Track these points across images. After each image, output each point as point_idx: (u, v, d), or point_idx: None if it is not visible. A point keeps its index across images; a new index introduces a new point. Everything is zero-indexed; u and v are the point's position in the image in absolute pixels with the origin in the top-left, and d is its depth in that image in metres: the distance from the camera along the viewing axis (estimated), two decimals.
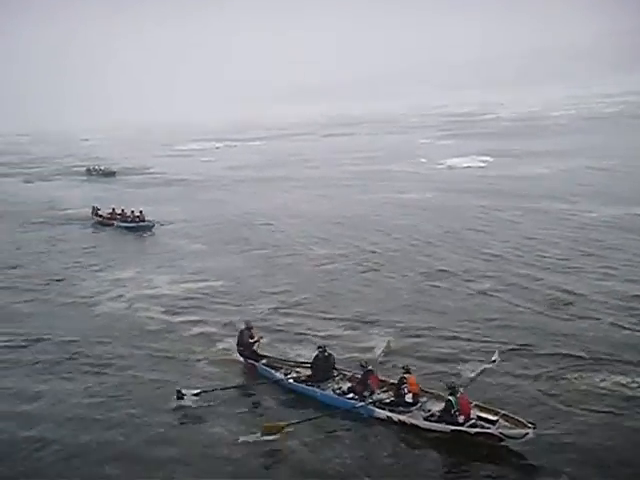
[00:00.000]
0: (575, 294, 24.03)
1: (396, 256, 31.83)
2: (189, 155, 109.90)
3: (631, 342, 19.40)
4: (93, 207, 48.96)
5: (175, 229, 43.52)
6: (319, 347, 18.01)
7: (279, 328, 22.80)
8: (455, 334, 20.86)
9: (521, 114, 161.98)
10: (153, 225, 43.80)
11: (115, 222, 45.75)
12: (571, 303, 23.19)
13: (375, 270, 29.62)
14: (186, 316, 24.49)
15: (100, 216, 47.57)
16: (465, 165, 66.22)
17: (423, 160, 73.25)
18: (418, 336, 21.10)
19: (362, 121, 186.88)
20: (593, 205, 40.68)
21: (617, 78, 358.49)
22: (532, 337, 20.27)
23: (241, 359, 19.94)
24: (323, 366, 17.70)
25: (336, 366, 17.95)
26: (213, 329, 22.90)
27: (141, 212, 44.38)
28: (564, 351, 19.02)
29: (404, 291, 26.20)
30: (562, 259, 29.02)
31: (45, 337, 22.92)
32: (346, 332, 22.02)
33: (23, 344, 22.63)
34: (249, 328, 20.01)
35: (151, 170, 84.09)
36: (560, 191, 46.84)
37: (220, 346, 21.23)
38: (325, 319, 23.37)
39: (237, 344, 20.03)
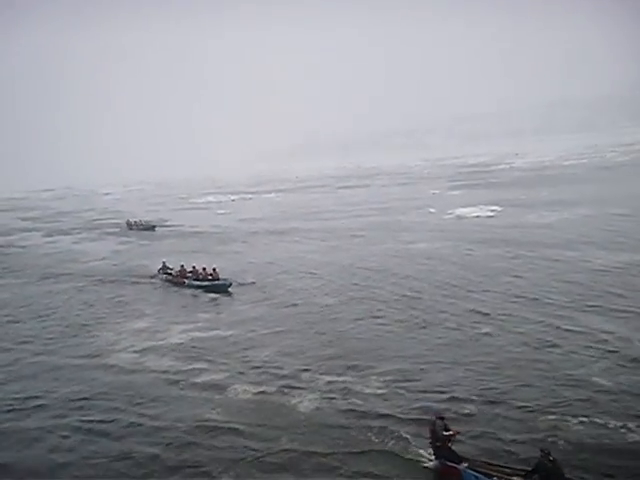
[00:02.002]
0: (572, 338, 24.94)
1: (407, 305, 32.61)
2: (205, 208, 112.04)
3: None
4: (163, 263, 46.31)
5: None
6: (542, 450, 14.47)
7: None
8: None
9: (534, 164, 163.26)
10: (230, 284, 39.86)
11: (186, 280, 42.67)
12: (558, 345, 24.18)
13: (377, 317, 30.62)
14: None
15: (169, 274, 44.84)
16: (474, 215, 67.24)
17: (432, 210, 74.45)
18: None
19: (377, 173, 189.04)
20: (598, 253, 41.41)
21: (636, 128, 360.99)
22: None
23: (435, 461, 16.42)
24: (551, 475, 14.13)
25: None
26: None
27: (214, 270, 41.26)
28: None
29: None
30: (565, 305, 29.80)
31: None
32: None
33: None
34: (441, 418, 16.62)
35: (168, 223, 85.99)
36: (566, 239, 47.64)
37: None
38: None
39: (431, 441, 16.48)
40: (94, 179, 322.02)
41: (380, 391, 21.28)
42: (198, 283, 41.42)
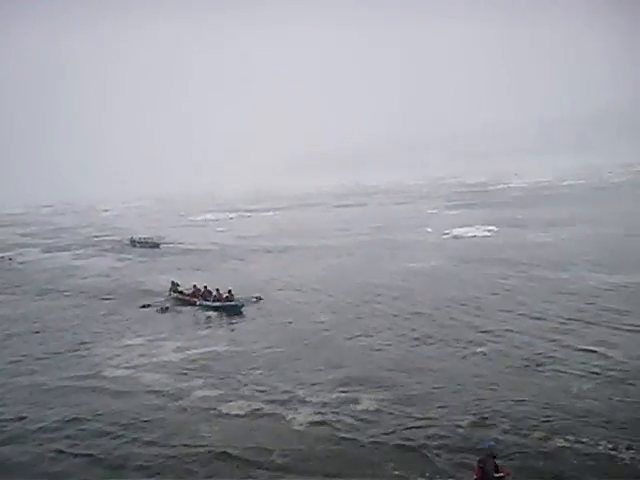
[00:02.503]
0: (565, 356, 25.28)
1: (404, 322, 32.89)
2: (204, 225, 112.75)
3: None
4: (172, 282, 45.23)
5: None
6: None
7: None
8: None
9: (531, 184, 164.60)
10: (242, 305, 38.63)
11: (197, 300, 41.03)
12: (542, 364, 24.54)
13: (372, 335, 30.76)
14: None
15: (180, 292, 43.57)
16: (470, 234, 67.79)
17: (429, 230, 75.18)
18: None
19: (375, 192, 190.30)
20: (593, 273, 41.85)
21: (632, 146, 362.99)
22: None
23: None
24: None
25: None
26: None
27: (230, 292, 39.47)
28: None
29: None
30: (558, 324, 30.18)
31: None
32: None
33: None
34: (493, 456, 14.73)
35: (167, 240, 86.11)
36: (560, 259, 48.18)
37: None
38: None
39: None
40: (93, 194, 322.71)
41: (372, 409, 21.40)
42: (209, 303, 39.97)
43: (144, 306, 41.92)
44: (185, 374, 26.65)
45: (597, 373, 23.26)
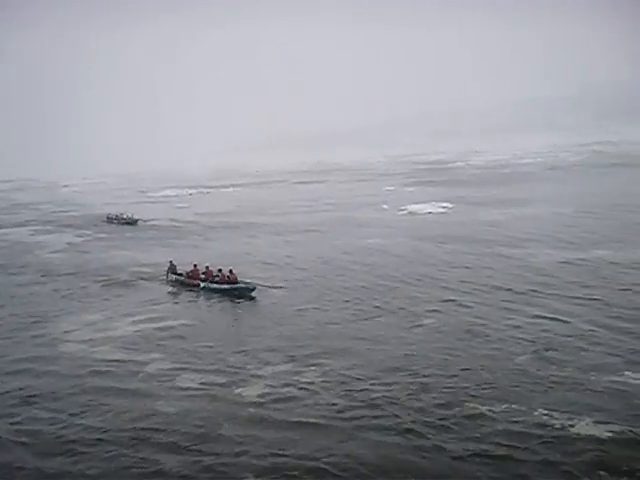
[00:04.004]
0: (497, 329, 26.47)
1: (357, 297, 33.65)
2: (164, 202, 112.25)
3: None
4: (170, 262, 42.04)
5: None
6: None
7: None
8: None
9: (490, 162, 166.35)
10: (254, 287, 35.54)
11: (201, 283, 38.07)
12: (489, 336, 25.62)
13: (325, 309, 31.66)
14: None
15: (179, 274, 40.57)
16: (426, 211, 68.91)
17: (385, 207, 76.23)
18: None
19: (337, 169, 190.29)
20: (542, 250, 43.09)
21: (597, 128, 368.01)
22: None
23: None
24: None
25: None
26: None
27: (231, 271, 36.93)
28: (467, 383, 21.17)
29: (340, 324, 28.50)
30: (505, 299, 31.23)
31: None
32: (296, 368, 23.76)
33: None
34: None
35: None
36: (513, 236, 49.42)
37: None
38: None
39: None
40: (56, 171, 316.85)
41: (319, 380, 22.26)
42: (216, 286, 36.86)
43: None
44: (136, 348, 27.25)
45: (541, 342, 24.46)
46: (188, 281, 39.02)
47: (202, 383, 22.57)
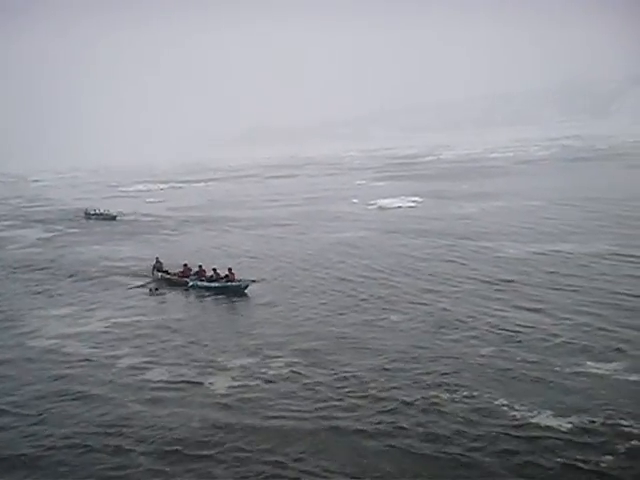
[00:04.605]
0: (466, 321, 26.94)
1: (325, 291, 34.00)
2: (135, 196, 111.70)
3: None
4: (156, 259, 40.42)
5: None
6: None
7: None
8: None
9: (460, 156, 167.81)
10: (247, 285, 34.48)
11: (189, 281, 36.54)
12: (457, 327, 26.08)
13: (294, 303, 31.90)
14: None
15: (166, 272, 38.83)
16: (395, 205, 69.43)
17: (355, 201, 76.75)
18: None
19: (309, 163, 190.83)
20: (510, 243, 43.60)
21: (566, 122, 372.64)
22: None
23: None
24: None
25: None
26: None
27: (230, 270, 35.34)
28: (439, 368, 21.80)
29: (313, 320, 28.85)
30: (471, 292, 31.68)
31: None
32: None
33: None
34: None
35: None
36: (482, 230, 50.02)
37: None
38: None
39: None
40: (25, 165, 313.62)
41: (285, 372, 22.63)
42: (206, 284, 35.71)
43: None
44: (107, 343, 27.33)
45: (508, 332, 25.00)
46: (175, 279, 37.74)
47: (171, 377, 22.80)
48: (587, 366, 21.20)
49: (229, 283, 34.85)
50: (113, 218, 75.94)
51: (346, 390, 20.51)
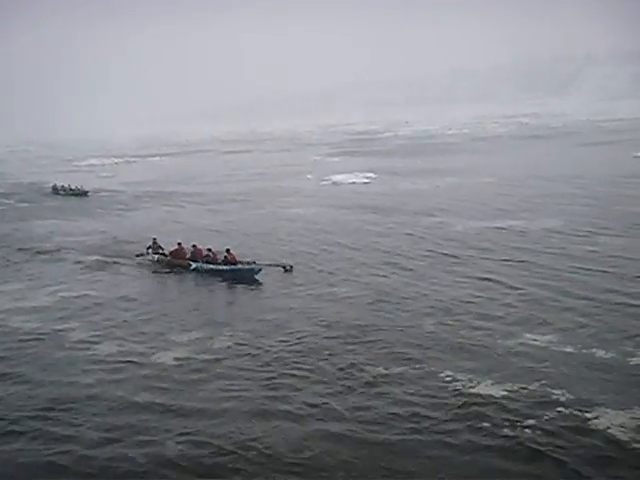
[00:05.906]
0: (413, 295, 27.27)
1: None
2: (89, 171, 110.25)
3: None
4: (153, 240, 37.21)
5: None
6: None
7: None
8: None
9: (417, 132, 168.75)
10: (260, 269, 31.49)
11: (192, 263, 33.73)
12: (403, 301, 26.37)
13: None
14: None
15: (162, 254, 36.17)
16: (349, 181, 69.64)
17: (309, 177, 77.02)
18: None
19: (268, 138, 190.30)
20: (459, 219, 44.05)
21: (526, 100, 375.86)
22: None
23: None
24: None
25: None
26: None
27: (228, 251, 32.54)
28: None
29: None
30: (417, 266, 32.02)
31: None
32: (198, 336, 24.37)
33: None
34: None
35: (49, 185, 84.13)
36: (433, 207, 50.29)
37: None
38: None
39: None
40: None
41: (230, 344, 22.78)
42: (212, 267, 32.79)
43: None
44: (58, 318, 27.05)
45: (453, 306, 25.33)
46: (175, 261, 34.87)
47: (122, 352, 22.70)
48: (527, 338, 21.66)
49: (238, 267, 31.86)
50: (85, 194, 72.75)
51: (284, 369, 20.45)
